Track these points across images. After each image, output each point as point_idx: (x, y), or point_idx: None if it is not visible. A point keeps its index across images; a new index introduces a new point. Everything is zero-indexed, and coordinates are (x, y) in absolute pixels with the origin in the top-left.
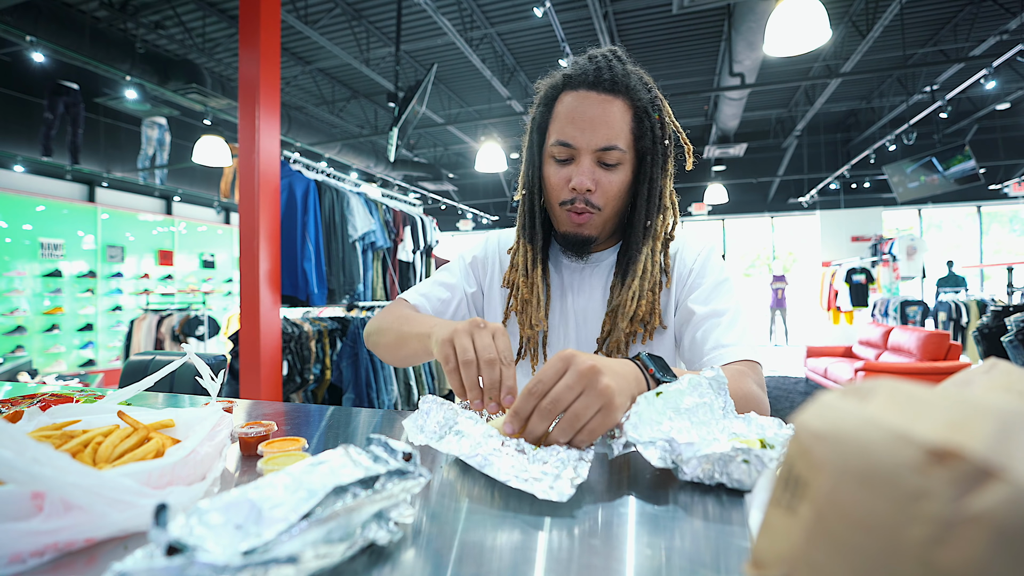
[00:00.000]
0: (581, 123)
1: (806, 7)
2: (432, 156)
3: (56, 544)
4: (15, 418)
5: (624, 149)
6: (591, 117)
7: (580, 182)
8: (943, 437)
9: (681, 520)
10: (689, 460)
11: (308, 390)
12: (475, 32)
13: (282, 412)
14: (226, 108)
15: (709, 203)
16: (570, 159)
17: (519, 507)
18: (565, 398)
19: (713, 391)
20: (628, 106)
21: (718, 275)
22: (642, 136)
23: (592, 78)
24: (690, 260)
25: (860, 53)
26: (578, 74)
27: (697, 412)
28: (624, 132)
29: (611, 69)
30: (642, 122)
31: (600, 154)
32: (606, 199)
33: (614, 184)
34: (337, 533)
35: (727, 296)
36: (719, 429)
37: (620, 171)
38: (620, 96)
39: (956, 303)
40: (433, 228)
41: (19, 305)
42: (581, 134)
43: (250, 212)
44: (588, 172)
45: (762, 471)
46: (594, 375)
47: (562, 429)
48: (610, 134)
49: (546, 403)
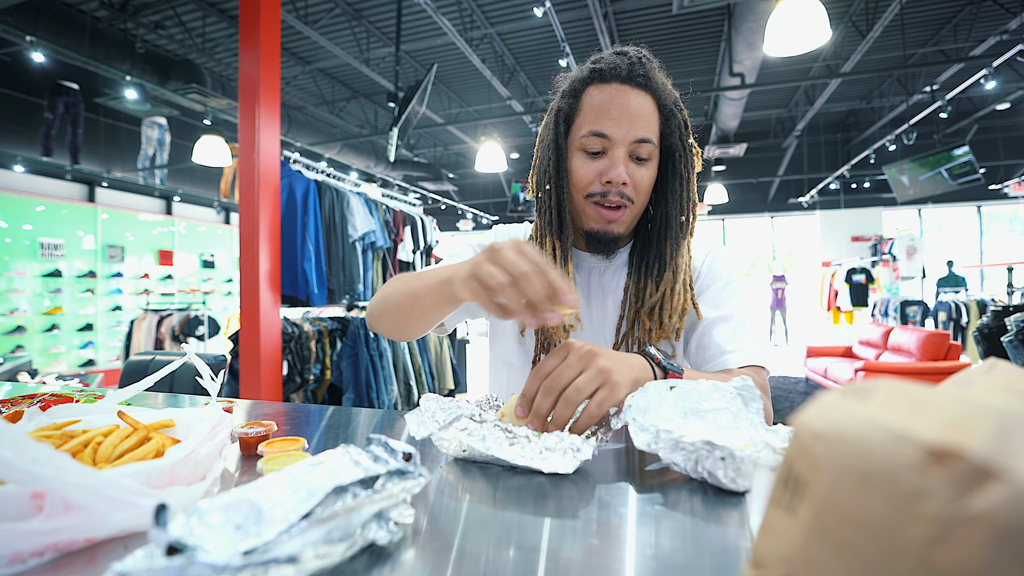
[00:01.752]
0: (618, 115)
1: (806, 7)
2: (432, 156)
3: (56, 544)
4: (15, 418)
5: (655, 144)
6: (628, 109)
7: (618, 174)
8: (943, 437)
9: (681, 520)
10: (666, 443)
11: (308, 390)
12: (475, 32)
13: (282, 412)
14: (226, 108)
15: (709, 203)
16: (602, 152)
17: (519, 507)
18: (566, 375)
19: (743, 401)
20: (656, 104)
21: (727, 276)
22: (670, 134)
23: (625, 72)
24: (698, 261)
25: (860, 53)
26: (609, 68)
27: (718, 416)
28: (655, 128)
29: (643, 65)
30: (669, 120)
31: (634, 147)
32: (638, 193)
33: (645, 178)
34: (337, 533)
35: (735, 298)
36: (743, 437)
37: (650, 166)
38: (650, 93)
39: (956, 303)
40: (433, 228)
41: (19, 305)
42: (618, 126)
43: (250, 212)
44: (624, 165)
45: (738, 471)
46: (592, 357)
47: (564, 401)
48: (645, 127)
49: (549, 381)
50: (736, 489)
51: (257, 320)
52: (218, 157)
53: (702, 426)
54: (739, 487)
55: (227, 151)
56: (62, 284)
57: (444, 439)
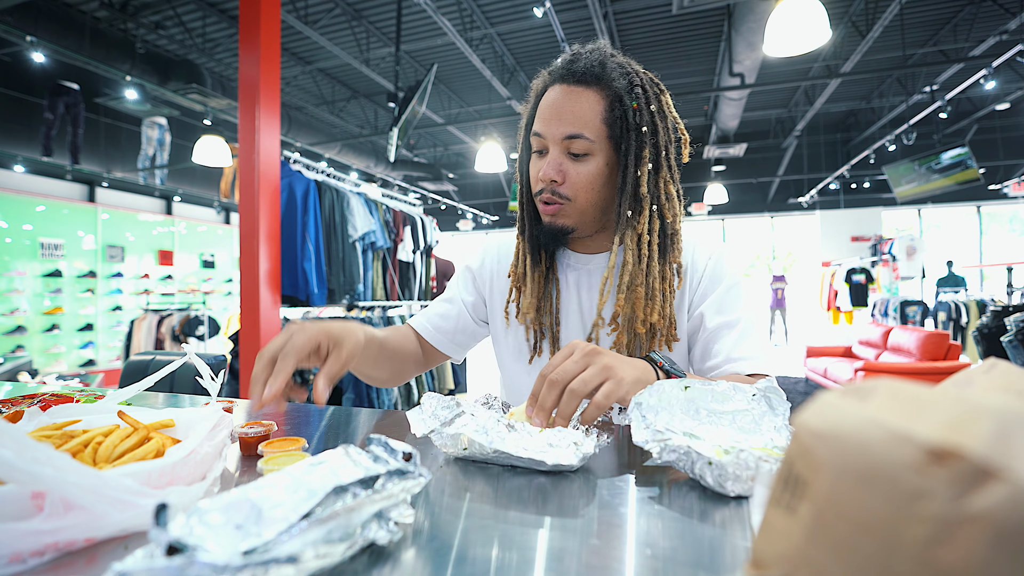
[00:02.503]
0: (549, 114)
1: (806, 7)
2: (432, 156)
3: (56, 544)
4: (15, 418)
5: (592, 139)
6: (558, 107)
7: (545, 172)
8: (943, 437)
9: (681, 520)
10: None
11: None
12: (475, 32)
13: (282, 412)
14: (226, 108)
15: (709, 203)
16: (543, 150)
17: (519, 507)
18: (571, 369)
19: (768, 404)
20: (602, 96)
21: (731, 279)
22: (613, 124)
23: (563, 71)
24: (701, 263)
25: (860, 53)
26: (555, 69)
27: (738, 418)
28: (594, 122)
29: (583, 60)
30: (614, 109)
31: (567, 143)
32: (575, 190)
33: (582, 175)
34: (337, 533)
35: (740, 302)
36: (762, 440)
37: (590, 161)
38: (591, 86)
39: (956, 303)
40: (433, 228)
41: (19, 305)
42: (548, 125)
43: (250, 212)
44: (554, 162)
45: (724, 477)
46: (596, 354)
47: (570, 393)
48: (576, 123)
49: (554, 374)
50: (727, 494)
51: (257, 320)
52: (218, 157)
53: (720, 429)
54: (729, 492)
55: (227, 151)
56: (62, 284)
57: (445, 436)
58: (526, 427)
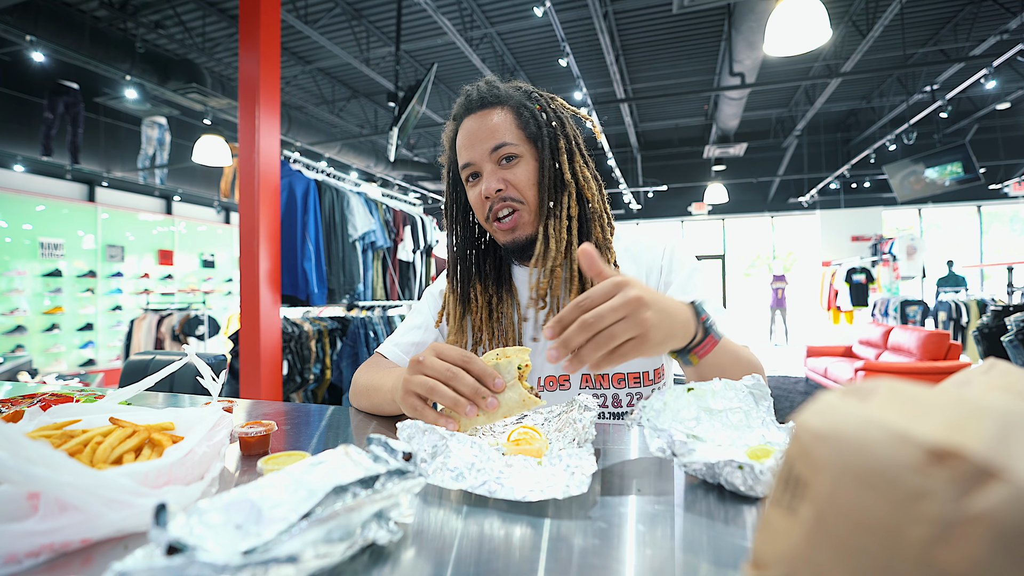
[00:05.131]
0: (469, 141)
1: (806, 7)
2: (432, 156)
3: (52, 545)
4: (15, 418)
5: (515, 142)
6: (475, 132)
7: (488, 186)
8: (943, 437)
9: (681, 520)
10: (686, 457)
11: (308, 390)
12: (475, 32)
13: (282, 412)
14: (226, 108)
15: (709, 203)
16: (477, 174)
17: (519, 507)
18: (608, 318)
19: (754, 399)
20: (507, 109)
21: (690, 264)
22: (526, 126)
23: (466, 105)
24: (655, 258)
25: (860, 53)
26: (458, 110)
27: (730, 416)
28: (510, 129)
29: (479, 90)
30: (522, 115)
31: (496, 155)
32: (521, 189)
33: (520, 175)
34: (337, 533)
35: (704, 284)
36: (755, 437)
37: (521, 163)
38: (495, 106)
39: (956, 303)
40: (433, 228)
41: (19, 305)
42: (472, 150)
43: (250, 212)
44: (492, 175)
45: (754, 479)
46: (639, 305)
47: (595, 343)
48: (496, 135)
49: (589, 317)
50: (756, 496)
51: (257, 320)
52: (218, 157)
53: (714, 426)
54: (758, 494)
55: (227, 151)
56: (62, 284)
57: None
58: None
